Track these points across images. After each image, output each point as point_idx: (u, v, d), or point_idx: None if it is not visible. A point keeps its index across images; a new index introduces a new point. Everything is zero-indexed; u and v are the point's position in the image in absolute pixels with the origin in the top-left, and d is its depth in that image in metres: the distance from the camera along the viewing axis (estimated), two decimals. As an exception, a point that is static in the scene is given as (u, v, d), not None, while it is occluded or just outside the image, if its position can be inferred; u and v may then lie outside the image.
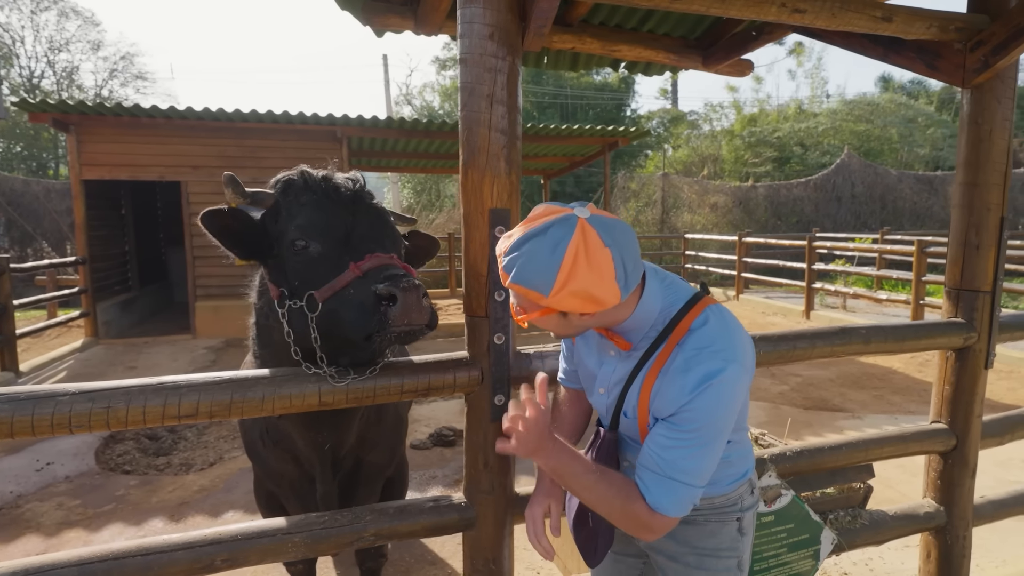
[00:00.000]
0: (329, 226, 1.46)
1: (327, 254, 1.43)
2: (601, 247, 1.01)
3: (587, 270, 1.00)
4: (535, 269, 1.01)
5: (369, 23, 2.47)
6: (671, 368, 1.10)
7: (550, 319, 1.10)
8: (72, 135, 7.42)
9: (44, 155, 21.69)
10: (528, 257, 1.02)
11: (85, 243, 7.70)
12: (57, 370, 6.56)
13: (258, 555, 1.40)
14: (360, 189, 1.54)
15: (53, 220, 14.50)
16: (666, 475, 1.08)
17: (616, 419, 1.23)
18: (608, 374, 1.24)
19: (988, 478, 3.62)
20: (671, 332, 1.13)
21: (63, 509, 3.45)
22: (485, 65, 1.40)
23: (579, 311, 1.05)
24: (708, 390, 1.05)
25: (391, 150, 9.67)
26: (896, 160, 22.15)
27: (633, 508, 1.10)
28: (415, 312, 1.28)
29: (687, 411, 1.07)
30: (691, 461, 1.08)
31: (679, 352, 1.10)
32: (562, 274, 0.99)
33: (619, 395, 1.20)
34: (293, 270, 1.46)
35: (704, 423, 1.07)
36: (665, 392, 1.10)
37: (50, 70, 23.32)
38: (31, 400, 1.19)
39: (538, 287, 1.01)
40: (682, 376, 1.07)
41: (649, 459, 1.11)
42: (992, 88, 1.95)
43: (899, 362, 6.79)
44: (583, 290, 1.00)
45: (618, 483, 1.13)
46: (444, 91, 24.26)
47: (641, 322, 1.14)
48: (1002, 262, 2.03)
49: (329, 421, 1.67)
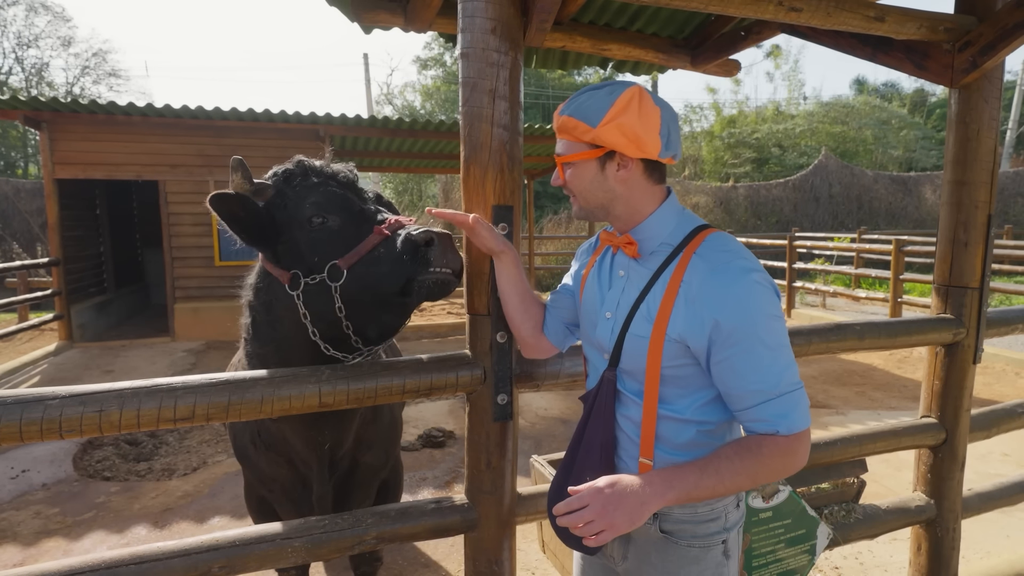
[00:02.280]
0: (343, 200, 1.49)
1: (346, 225, 1.46)
2: (652, 105, 1.09)
3: (637, 114, 1.07)
4: (589, 103, 1.09)
5: (358, 19, 2.43)
6: (699, 273, 1.06)
7: (587, 169, 1.13)
8: (44, 133, 7.21)
9: (12, 154, 21.10)
10: (585, 96, 1.10)
11: (59, 244, 7.49)
12: (30, 375, 6.36)
13: (256, 561, 1.36)
14: (354, 176, 1.59)
15: (23, 220, 14.10)
16: (776, 394, 1.01)
17: (618, 350, 1.14)
18: (616, 295, 1.19)
19: (968, 471, 3.69)
20: (687, 244, 1.11)
21: (41, 518, 3.34)
22: (487, 60, 1.38)
23: (622, 149, 1.08)
24: (754, 285, 1.02)
25: (374, 149, 9.58)
26: (871, 161, 22.63)
27: (769, 455, 1.02)
28: (451, 254, 1.36)
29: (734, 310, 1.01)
30: (784, 367, 1.02)
31: (699, 260, 1.07)
32: (614, 109, 1.06)
33: (628, 313, 1.14)
34: (311, 247, 1.45)
35: (765, 319, 1.01)
36: (703, 299, 1.03)
37: (18, 66, 22.71)
38: (19, 404, 1.14)
39: (588, 118, 1.08)
40: (720, 275, 1.03)
41: (747, 393, 1.03)
42: (980, 88, 1.99)
43: (879, 359, 6.92)
44: (630, 128, 1.06)
45: (735, 452, 1.04)
46: (425, 91, 24.16)
47: (657, 228, 1.14)
48: (989, 259, 2.07)
49: (331, 419, 1.65)
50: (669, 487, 1.00)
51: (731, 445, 1.06)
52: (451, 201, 17.94)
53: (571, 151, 1.14)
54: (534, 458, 2.60)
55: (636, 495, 0.98)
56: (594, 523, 0.96)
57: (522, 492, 1.64)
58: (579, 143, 1.12)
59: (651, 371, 1.10)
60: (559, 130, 1.15)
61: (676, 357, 1.08)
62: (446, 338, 8.03)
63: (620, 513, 0.97)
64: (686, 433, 1.12)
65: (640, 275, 1.16)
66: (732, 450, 1.05)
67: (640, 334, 1.11)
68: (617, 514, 0.96)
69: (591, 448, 1.18)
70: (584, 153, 1.12)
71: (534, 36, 1.51)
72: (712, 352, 1.04)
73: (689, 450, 1.13)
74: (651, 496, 0.99)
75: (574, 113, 1.10)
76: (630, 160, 1.11)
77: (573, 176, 1.16)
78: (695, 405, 1.12)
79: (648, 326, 1.09)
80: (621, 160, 1.11)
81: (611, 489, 0.98)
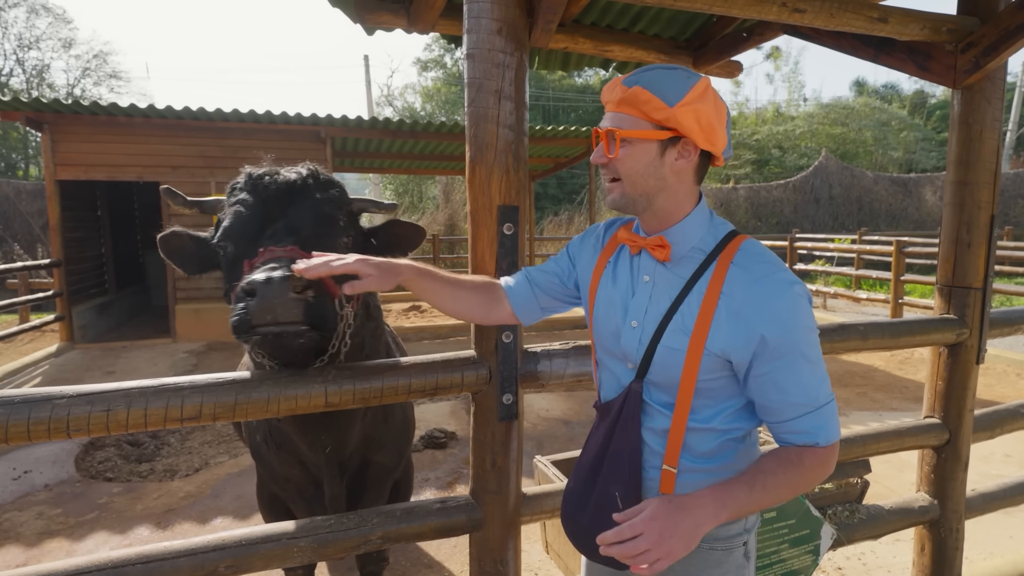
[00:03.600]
0: (241, 224, 1.40)
1: (238, 254, 1.39)
2: (722, 101, 1.05)
3: (714, 105, 1.02)
4: (666, 81, 1.02)
5: (361, 20, 2.44)
6: (741, 285, 1.02)
7: (646, 151, 1.04)
8: (46, 134, 7.22)
9: (13, 155, 21.12)
10: (660, 72, 1.03)
11: (60, 245, 7.49)
12: (32, 376, 6.36)
13: (263, 561, 1.36)
14: (294, 182, 1.45)
15: (24, 221, 14.11)
16: (816, 406, 1.01)
17: (647, 361, 1.08)
18: (642, 303, 1.11)
19: (971, 472, 3.68)
20: (722, 250, 1.06)
21: (43, 518, 3.34)
22: (493, 60, 1.39)
23: (693, 136, 1.02)
24: (798, 299, 1.00)
25: (375, 151, 9.58)
26: (871, 162, 22.65)
27: (810, 467, 1.02)
28: (279, 307, 1.14)
29: (780, 324, 0.98)
30: (821, 379, 1.02)
31: (739, 271, 1.03)
32: (694, 92, 1.00)
33: (659, 324, 1.07)
34: (224, 273, 1.45)
35: (807, 333, 1.00)
36: (748, 313, 1.00)
37: (19, 68, 22.73)
38: (27, 404, 1.14)
39: (665, 95, 1.00)
40: (764, 287, 1.00)
41: (788, 407, 1.02)
42: (982, 89, 1.99)
43: (880, 360, 6.92)
44: (706, 116, 1.01)
45: (778, 466, 1.02)
46: (426, 92, 24.20)
47: (691, 231, 1.09)
48: (992, 259, 2.07)
49: (325, 423, 1.63)
50: (723, 507, 0.97)
51: (771, 459, 1.04)
52: (452, 202, 17.94)
53: (636, 127, 1.03)
54: (538, 458, 2.60)
55: (692, 519, 0.94)
56: (650, 552, 0.90)
57: (527, 492, 1.64)
58: (646, 120, 1.03)
59: (686, 384, 1.05)
60: (622, 102, 1.04)
61: (712, 370, 1.04)
62: (447, 339, 8.03)
63: (677, 540, 0.92)
64: (712, 442, 1.10)
65: (670, 282, 1.09)
66: (775, 464, 1.03)
67: (675, 347, 1.05)
68: (674, 541, 0.91)
69: (618, 461, 1.12)
70: (651, 132, 1.03)
71: (539, 37, 1.52)
72: (754, 366, 1.02)
73: (713, 457, 1.10)
74: (705, 519, 0.95)
75: (648, 86, 1.01)
76: (693, 150, 1.05)
77: (628, 156, 1.05)
78: (723, 415, 1.09)
79: (684, 339, 1.04)
80: (683, 149, 1.04)
81: (666, 517, 0.93)
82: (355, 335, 1.50)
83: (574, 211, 18.54)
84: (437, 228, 17.10)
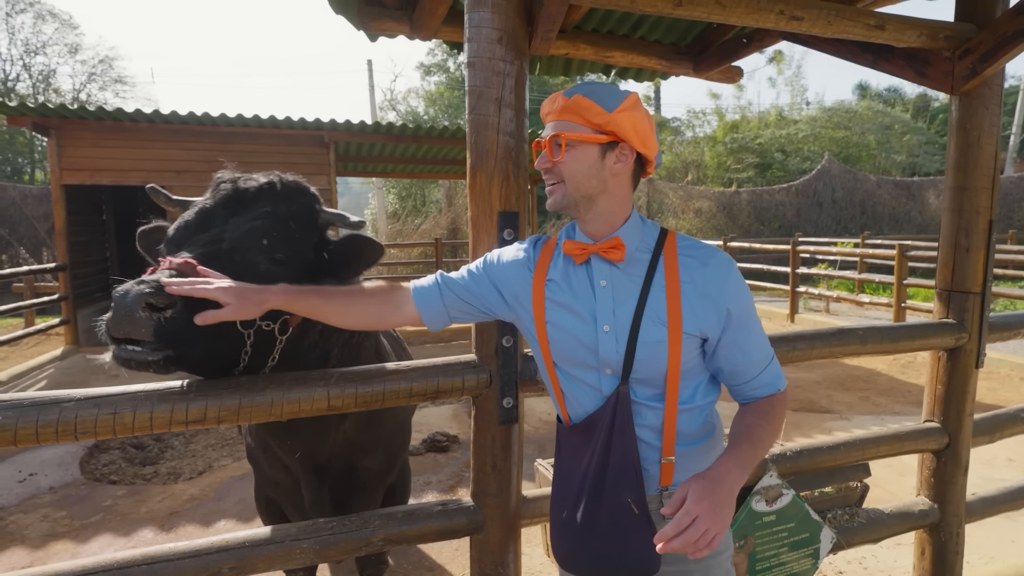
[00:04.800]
0: (180, 231, 1.38)
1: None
2: (649, 114, 1.15)
3: (645, 115, 1.13)
4: (603, 91, 1.11)
5: (364, 28, 2.47)
6: (696, 269, 1.14)
7: (588, 154, 1.13)
8: (52, 139, 7.28)
9: (20, 160, 21.26)
10: (596, 85, 1.13)
11: (65, 249, 7.55)
12: (37, 379, 6.40)
13: (266, 562, 1.38)
14: (246, 190, 1.40)
15: (30, 226, 14.20)
16: (770, 358, 1.18)
17: (630, 359, 1.11)
18: (607, 306, 1.14)
19: (974, 476, 3.67)
20: (662, 246, 1.17)
21: (48, 521, 3.36)
22: (493, 69, 1.41)
23: (630, 140, 1.12)
24: (738, 272, 1.16)
25: (378, 155, 9.63)
26: (874, 166, 22.61)
27: (780, 411, 1.17)
28: (127, 323, 1.10)
29: (737, 296, 1.13)
30: (764, 335, 1.19)
31: (687, 258, 1.15)
32: (628, 101, 1.11)
33: (632, 324, 1.11)
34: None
35: (750, 299, 1.18)
36: (713, 292, 1.13)
37: (26, 73, 22.89)
38: (35, 407, 1.16)
39: (604, 102, 1.10)
40: (715, 268, 1.13)
41: (753, 365, 1.16)
42: (980, 95, 2.00)
43: (883, 364, 6.91)
44: (641, 123, 1.11)
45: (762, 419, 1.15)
46: (429, 97, 24.26)
47: (634, 232, 1.18)
48: (991, 264, 2.08)
49: (288, 428, 1.59)
50: (741, 467, 1.04)
51: (751, 415, 1.16)
52: (455, 206, 17.98)
53: (577, 131, 1.12)
54: (538, 462, 2.61)
55: (727, 486, 1.00)
56: (710, 530, 0.93)
57: (527, 495, 1.66)
58: (587, 126, 1.12)
59: (672, 371, 1.12)
60: (565, 110, 1.12)
61: (690, 351, 1.14)
62: (450, 343, 8.04)
63: (725, 510, 0.97)
64: (697, 420, 1.18)
65: (627, 282, 1.15)
66: (756, 418, 1.15)
67: (655, 339, 1.11)
68: (724, 512, 0.97)
69: (623, 469, 1.13)
70: (591, 136, 1.11)
71: (539, 45, 1.54)
72: (723, 338, 1.15)
73: (699, 437, 1.19)
74: (736, 482, 1.02)
75: (589, 95, 1.10)
76: (630, 154, 1.14)
77: (572, 159, 1.13)
78: (698, 390, 1.18)
79: (663, 329, 1.11)
80: (621, 153, 1.14)
81: (711, 493, 0.97)
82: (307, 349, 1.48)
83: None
84: (440, 232, 17.14)
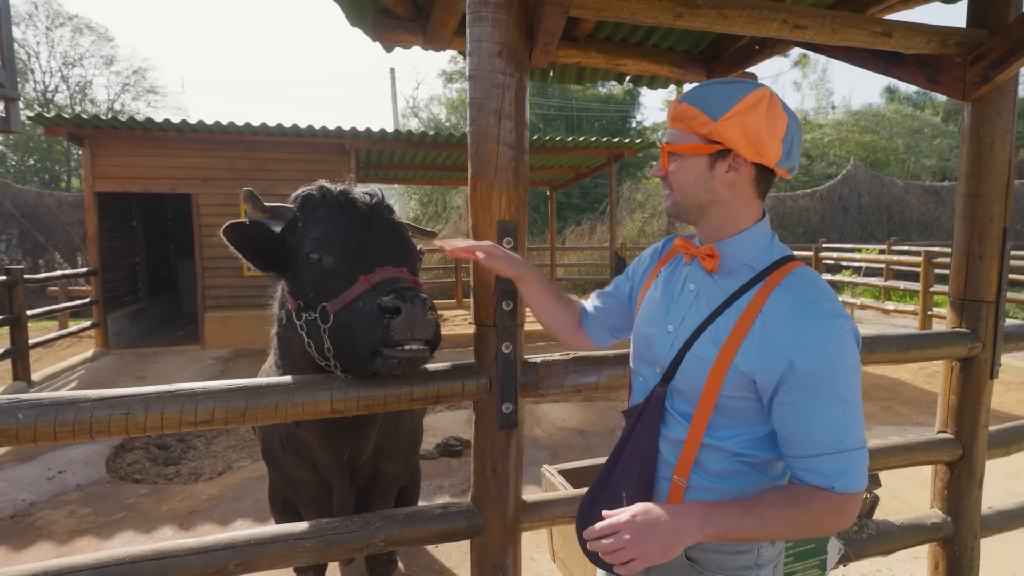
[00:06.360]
0: (341, 239, 1.49)
1: (339, 267, 1.46)
2: (781, 111, 1.03)
3: (764, 116, 1.01)
4: (714, 95, 1.03)
5: (379, 39, 2.53)
6: (782, 307, 0.99)
7: (695, 164, 1.07)
8: (86, 148, 7.55)
9: (57, 168, 22.00)
10: (711, 87, 1.04)
11: (97, 254, 7.81)
12: (68, 380, 6.62)
13: (270, 560, 1.42)
14: (377, 204, 1.57)
15: (65, 231, 14.69)
16: (839, 449, 0.96)
17: (674, 367, 1.09)
18: (682, 309, 1.12)
19: (998, 490, 3.60)
20: (772, 272, 1.05)
21: (75, 517, 3.48)
22: (493, 81, 1.44)
23: (739, 148, 1.02)
24: (840, 332, 0.96)
25: (399, 162, 9.77)
26: (903, 171, 22.13)
27: (819, 510, 0.97)
28: (419, 325, 1.27)
29: (813, 353, 0.95)
30: (852, 422, 0.96)
31: (784, 293, 1.01)
32: (740, 105, 1.00)
33: (693, 332, 1.08)
34: (308, 283, 1.49)
35: (844, 369, 0.96)
36: (781, 336, 0.97)
37: (64, 85, 23.71)
38: (54, 406, 1.23)
39: (710, 109, 1.02)
40: (804, 313, 0.97)
41: (809, 442, 0.97)
42: (992, 101, 1.98)
43: (907, 373, 6.75)
44: (753, 128, 1.00)
45: (782, 500, 0.98)
46: (451, 104, 24.47)
47: (746, 246, 1.08)
48: (1006, 272, 2.04)
49: (348, 431, 1.70)
50: (707, 522, 0.96)
51: (779, 491, 1.01)
52: (475, 212, 18.04)
53: (682, 141, 1.07)
54: (545, 467, 2.63)
55: (670, 526, 0.94)
56: (624, 551, 0.93)
57: (527, 500, 1.67)
58: (693, 135, 1.06)
59: (707, 397, 1.04)
60: (673, 118, 1.08)
61: (737, 388, 1.03)
62: (467, 348, 8.09)
63: (653, 543, 0.93)
64: (724, 462, 1.07)
65: (713, 293, 1.09)
66: (779, 496, 0.99)
67: (703, 356, 1.05)
68: (650, 544, 0.93)
69: (631, 463, 1.13)
70: (696, 147, 1.05)
71: (539, 57, 1.57)
72: (779, 391, 0.99)
73: (725, 478, 1.08)
74: (687, 528, 0.95)
75: (695, 102, 1.04)
76: (743, 163, 1.04)
77: (678, 169, 1.09)
78: (742, 439, 1.06)
79: (714, 350, 1.04)
80: (734, 162, 1.05)
81: (644, 517, 0.95)
82: None
83: (596, 220, 18.51)
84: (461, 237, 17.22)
